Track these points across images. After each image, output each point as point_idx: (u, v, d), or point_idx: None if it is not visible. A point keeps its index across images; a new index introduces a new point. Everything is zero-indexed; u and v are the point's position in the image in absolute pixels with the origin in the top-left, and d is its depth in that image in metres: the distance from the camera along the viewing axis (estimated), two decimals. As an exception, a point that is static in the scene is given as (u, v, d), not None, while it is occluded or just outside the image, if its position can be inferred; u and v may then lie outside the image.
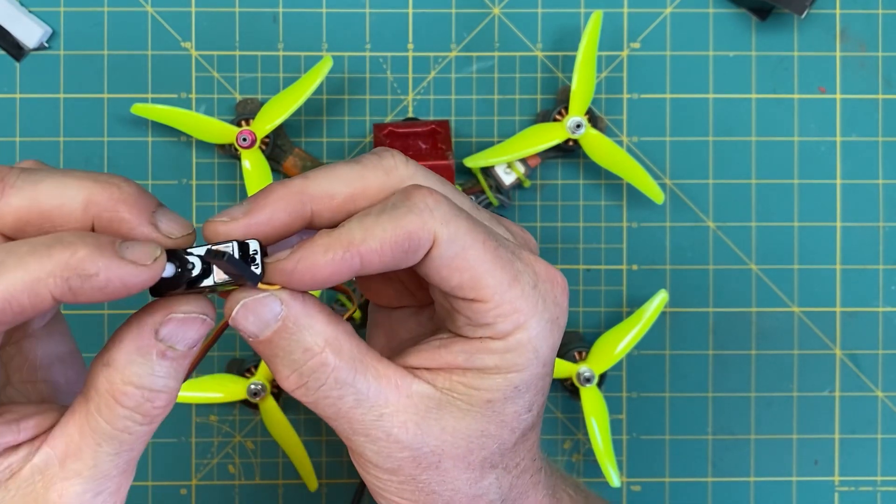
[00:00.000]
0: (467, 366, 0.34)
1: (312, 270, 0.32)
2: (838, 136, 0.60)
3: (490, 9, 0.60)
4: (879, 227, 0.60)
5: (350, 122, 0.60)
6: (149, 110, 0.57)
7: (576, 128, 0.57)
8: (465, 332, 0.35)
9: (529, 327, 0.34)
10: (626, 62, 0.60)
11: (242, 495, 0.60)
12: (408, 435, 0.34)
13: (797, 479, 0.60)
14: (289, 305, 0.33)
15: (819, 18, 0.60)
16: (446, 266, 0.33)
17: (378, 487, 0.36)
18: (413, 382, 0.34)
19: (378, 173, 0.34)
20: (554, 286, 0.35)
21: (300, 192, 0.33)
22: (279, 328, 0.33)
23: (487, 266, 0.33)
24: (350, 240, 0.32)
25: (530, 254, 0.35)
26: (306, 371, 0.33)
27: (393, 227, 0.32)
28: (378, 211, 0.33)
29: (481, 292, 0.33)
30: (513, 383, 0.34)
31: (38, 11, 0.59)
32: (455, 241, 0.33)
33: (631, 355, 0.60)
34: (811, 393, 0.60)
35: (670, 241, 0.60)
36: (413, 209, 0.32)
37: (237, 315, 0.33)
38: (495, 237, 0.34)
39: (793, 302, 0.60)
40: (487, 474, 0.36)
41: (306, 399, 0.34)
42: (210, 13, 0.59)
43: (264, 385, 0.57)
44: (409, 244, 0.32)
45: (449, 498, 0.36)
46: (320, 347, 0.33)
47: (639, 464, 0.60)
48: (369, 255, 0.32)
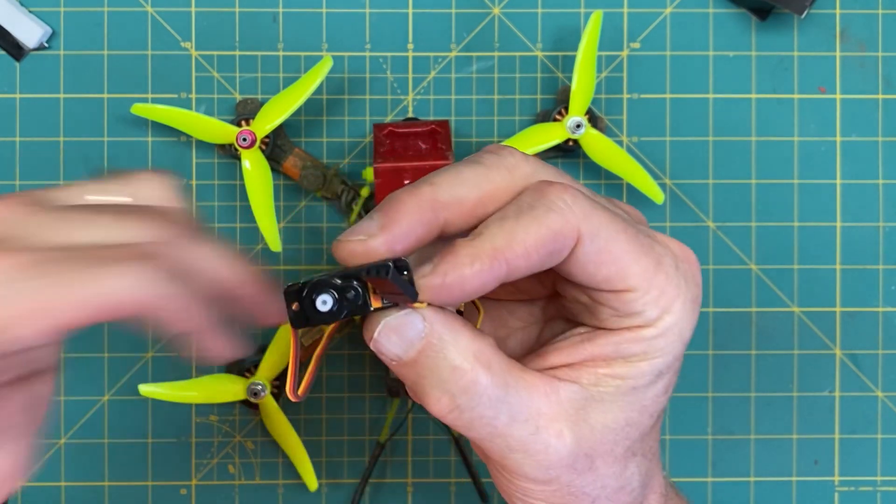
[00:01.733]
0: (614, 356, 0.33)
1: (461, 283, 0.30)
2: (838, 136, 0.60)
3: (490, 9, 0.60)
4: (879, 227, 0.60)
5: (350, 122, 0.60)
6: (149, 110, 0.57)
7: (576, 128, 0.57)
8: (610, 323, 0.33)
9: (674, 310, 0.33)
10: (626, 62, 0.60)
11: (242, 495, 0.60)
12: (565, 444, 0.33)
13: (797, 479, 0.60)
14: (431, 322, 0.31)
15: (819, 18, 0.60)
16: (592, 261, 0.32)
17: (525, 497, 0.34)
18: (560, 387, 0.33)
19: (503, 173, 0.33)
20: (691, 265, 0.34)
21: (433, 201, 0.31)
22: (424, 347, 0.31)
23: (633, 255, 0.32)
24: (494, 247, 0.30)
25: (663, 234, 0.34)
26: (457, 391, 0.32)
27: (536, 228, 0.31)
28: (515, 213, 0.31)
29: (630, 281, 0.32)
30: (657, 368, 0.34)
31: (38, 11, 0.59)
32: (598, 235, 0.32)
33: (631, 355, 0.60)
34: (811, 393, 0.60)
35: (670, 241, 0.60)
36: (553, 207, 0.31)
37: (380, 337, 0.31)
38: (632, 224, 0.33)
39: (793, 302, 0.60)
40: (630, 463, 0.35)
41: (460, 423, 0.32)
42: (210, 13, 0.59)
43: (264, 385, 0.57)
44: (554, 245, 0.31)
45: (596, 496, 0.35)
46: (470, 364, 0.31)
47: (639, 464, 0.60)
48: (516, 261, 0.31)
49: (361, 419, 0.60)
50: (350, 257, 0.31)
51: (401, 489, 0.60)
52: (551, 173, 0.34)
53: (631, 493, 0.35)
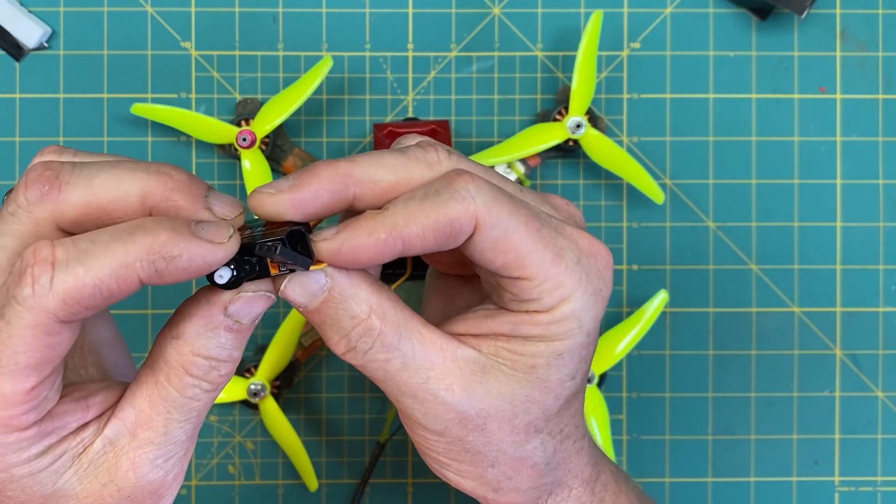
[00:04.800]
0: (512, 334, 0.36)
1: (356, 252, 0.33)
2: (838, 136, 0.60)
3: (490, 9, 0.59)
4: (879, 227, 0.60)
5: (350, 122, 0.60)
6: (149, 110, 0.57)
7: (576, 128, 0.57)
8: (511, 306, 0.36)
9: (574, 300, 0.35)
10: (626, 62, 0.60)
11: (242, 495, 0.60)
12: (454, 397, 0.36)
13: (797, 479, 0.60)
14: (333, 278, 0.34)
15: (819, 18, 0.60)
16: (490, 249, 0.34)
17: (426, 447, 0.38)
18: (458, 347, 0.36)
19: (421, 166, 0.35)
20: (597, 259, 0.36)
21: (346, 175, 0.34)
22: (326, 298, 0.34)
23: (530, 246, 0.34)
24: (394, 223, 0.33)
25: (574, 229, 0.36)
26: (354, 336, 0.35)
27: (436, 213, 0.33)
28: (422, 196, 0.34)
29: (526, 271, 0.35)
30: (556, 350, 0.36)
31: (38, 11, 0.59)
32: (497, 225, 0.34)
33: (631, 355, 0.60)
34: (811, 393, 0.60)
35: (670, 241, 0.60)
36: (455, 195, 0.33)
37: (286, 288, 0.34)
38: (538, 217, 0.35)
39: (793, 302, 0.60)
40: (532, 438, 0.37)
41: (355, 362, 0.36)
42: (210, 13, 0.59)
43: (264, 385, 0.57)
44: (450, 230, 0.33)
45: (494, 459, 0.37)
46: (366, 314, 0.35)
47: (639, 464, 0.60)
48: (411, 240, 0.33)
49: (361, 419, 0.60)
50: (258, 206, 0.34)
51: (401, 489, 0.60)
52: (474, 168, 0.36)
53: (534, 467, 0.38)
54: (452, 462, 0.37)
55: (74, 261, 0.31)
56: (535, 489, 0.38)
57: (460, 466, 0.38)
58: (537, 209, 0.36)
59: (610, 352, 0.57)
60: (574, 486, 0.40)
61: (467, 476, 0.38)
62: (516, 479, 0.38)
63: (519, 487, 0.38)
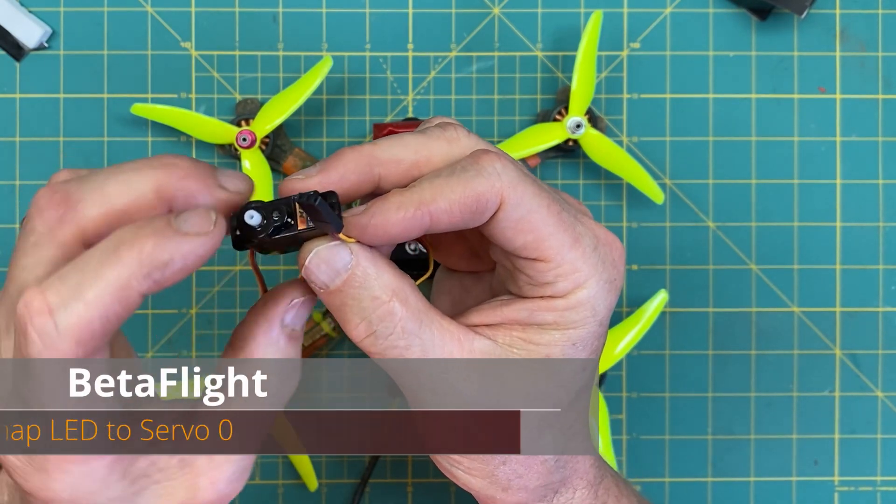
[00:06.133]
0: (528, 321, 0.36)
1: (385, 225, 0.34)
2: (838, 136, 0.60)
3: (490, 9, 0.60)
4: (879, 227, 0.60)
5: (350, 122, 0.60)
6: (149, 110, 0.57)
7: (576, 128, 0.57)
8: (526, 291, 0.36)
9: (588, 287, 0.36)
10: (626, 62, 0.60)
11: (242, 495, 0.60)
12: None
13: (797, 479, 0.60)
14: (358, 255, 0.34)
15: (819, 18, 0.60)
16: (512, 227, 0.35)
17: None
18: (475, 338, 0.36)
19: (441, 143, 0.36)
20: (612, 249, 0.37)
21: (370, 156, 0.35)
22: (349, 277, 0.34)
23: (551, 228, 0.35)
24: (421, 199, 0.34)
25: (590, 219, 0.37)
26: (375, 319, 0.35)
27: (462, 188, 0.34)
28: (448, 173, 0.34)
29: (544, 252, 0.35)
30: (571, 339, 0.36)
31: (38, 11, 0.59)
32: (521, 204, 0.34)
33: (631, 355, 0.60)
34: (811, 393, 0.60)
35: (670, 241, 0.60)
36: (482, 172, 0.34)
37: (310, 264, 0.34)
38: (559, 202, 0.36)
39: (793, 302, 0.60)
40: (544, 433, 0.37)
41: (374, 349, 0.35)
42: (210, 13, 0.59)
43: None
44: (477, 205, 0.34)
45: (506, 455, 0.37)
46: (388, 297, 0.35)
47: (639, 464, 0.60)
48: (439, 214, 0.34)
49: (361, 419, 0.60)
50: (290, 192, 0.34)
51: (401, 489, 0.60)
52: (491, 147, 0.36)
53: (544, 463, 0.38)
54: (463, 459, 0.37)
55: (71, 299, 0.30)
56: (543, 487, 0.38)
57: (471, 464, 0.37)
58: (556, 194, 0.36)
59: (610, 352, 0.57)
60: (579, 486, 0.40)
61: (477, 474, 0.38)
62: (526, 477, 0.38)
63: (528, 486, 0.38)
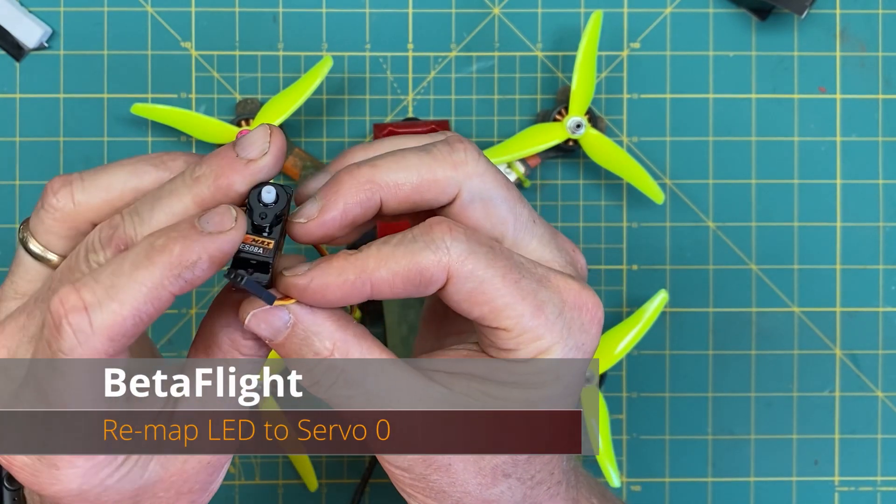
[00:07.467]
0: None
1: (324, 291, 0.33)
2: (838, 136, 0.60)
3: (490, 9, 0.60)
4: (879, 227, 0.60)
5: (350, 122, 0.60)
6: (149, 110, 0.57)
7: (576, 128, 0.57)
8: (490, 352, 0.36)
9: (553, 352, 0.35)
10: (626, 62, 0.60)
11: (242, 495, 0.60)
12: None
13: (797, 479, 0.60)
14: (297, 314, 0.34)
15: (819, 18, 0.60)
16: (465, 300, 0.34)
17: (395, 478, 0.37)
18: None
19: (446, 167, 0.35)
20: (582, 313, 0.35)
21: (369, 182, 0.34)
22: (290, 334, 0.34)
23: (507, 299, 0.34)
24: (364, 266, 0.33)
25: (563, 279, 0.35)
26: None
27: (407, 260, 0.33)
28: (397, 241, 0.34)
29: (503, 322, 0.34)
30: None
31: (38, 11, 0.59)
32: (471, 278, 0.34)
33: (631, 355, 0.60)
34: (811, 393, 0.60)
35: (670, 241, 0.60)
36: (430, 245, 0.33)
37: (249, 323, 0.34)
38: (519, 268, 0.35)
39: (793, 302, 0.60)
40: (500, 482, 0.36)
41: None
42: (210, 13, 0.59)
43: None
44: (420, 279, 0.33)
45: (459, 499, 0.37)
46: (329, 351, 0.35)
47: (639, 464, 0.60)
48: (380, 284, 0.33)
49: (361, 419, 0.60)
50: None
51: (401, 489, 0.60)
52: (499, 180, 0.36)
53: None
54: (418, 495, 0.37)
55: (106, 298, 0.31)
56: None
57: (426, 500, 0.37)
58: (520, 259, 0.35)
59: (610, 352, 0.57)
60: None
61: None
62: None
63: None
